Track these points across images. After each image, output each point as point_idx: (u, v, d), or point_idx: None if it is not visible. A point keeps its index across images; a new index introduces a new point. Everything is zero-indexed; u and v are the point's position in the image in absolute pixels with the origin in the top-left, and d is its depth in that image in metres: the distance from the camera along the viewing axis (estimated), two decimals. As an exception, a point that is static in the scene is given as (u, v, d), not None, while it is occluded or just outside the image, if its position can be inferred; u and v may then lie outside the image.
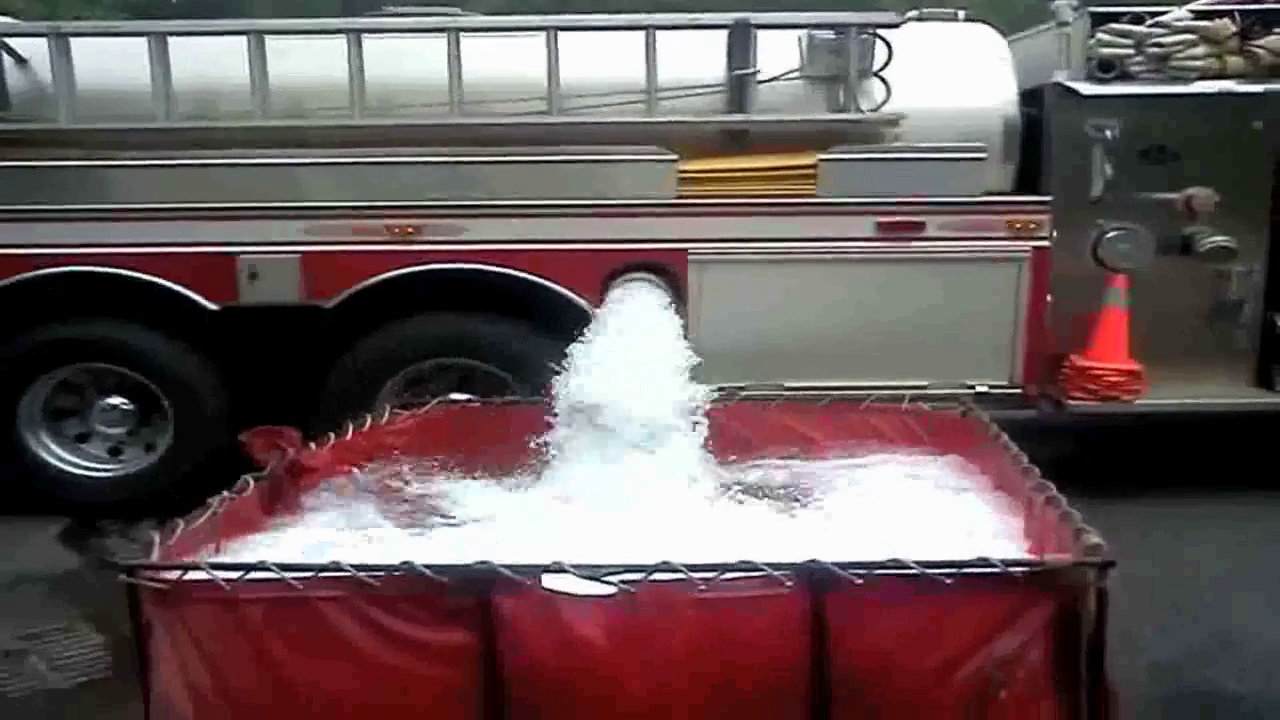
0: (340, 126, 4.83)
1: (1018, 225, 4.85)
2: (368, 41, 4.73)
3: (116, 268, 4.81)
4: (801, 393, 4.34)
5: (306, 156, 4.84)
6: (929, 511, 2.98)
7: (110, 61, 4.85)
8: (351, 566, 2.23)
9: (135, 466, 5.14)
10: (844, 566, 2.17)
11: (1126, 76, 5.02)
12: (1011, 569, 2.20)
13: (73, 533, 4.89)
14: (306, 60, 4.88)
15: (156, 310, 4.88)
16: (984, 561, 2.20)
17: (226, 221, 4.80)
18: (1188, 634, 3.77)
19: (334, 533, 2.87)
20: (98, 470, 5.16)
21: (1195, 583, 4.20)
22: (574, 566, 2.20)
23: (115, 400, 5.11)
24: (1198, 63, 5.01)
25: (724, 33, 4.88)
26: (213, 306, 4.83)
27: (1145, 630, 3.66)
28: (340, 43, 4.71)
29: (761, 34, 4.85)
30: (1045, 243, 4.86)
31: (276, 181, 4.82)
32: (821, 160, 4.81)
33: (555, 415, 3.47)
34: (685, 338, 3.79)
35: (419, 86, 4.86)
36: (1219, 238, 4.97)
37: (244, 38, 4.72)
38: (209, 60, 4.85)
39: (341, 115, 4.80)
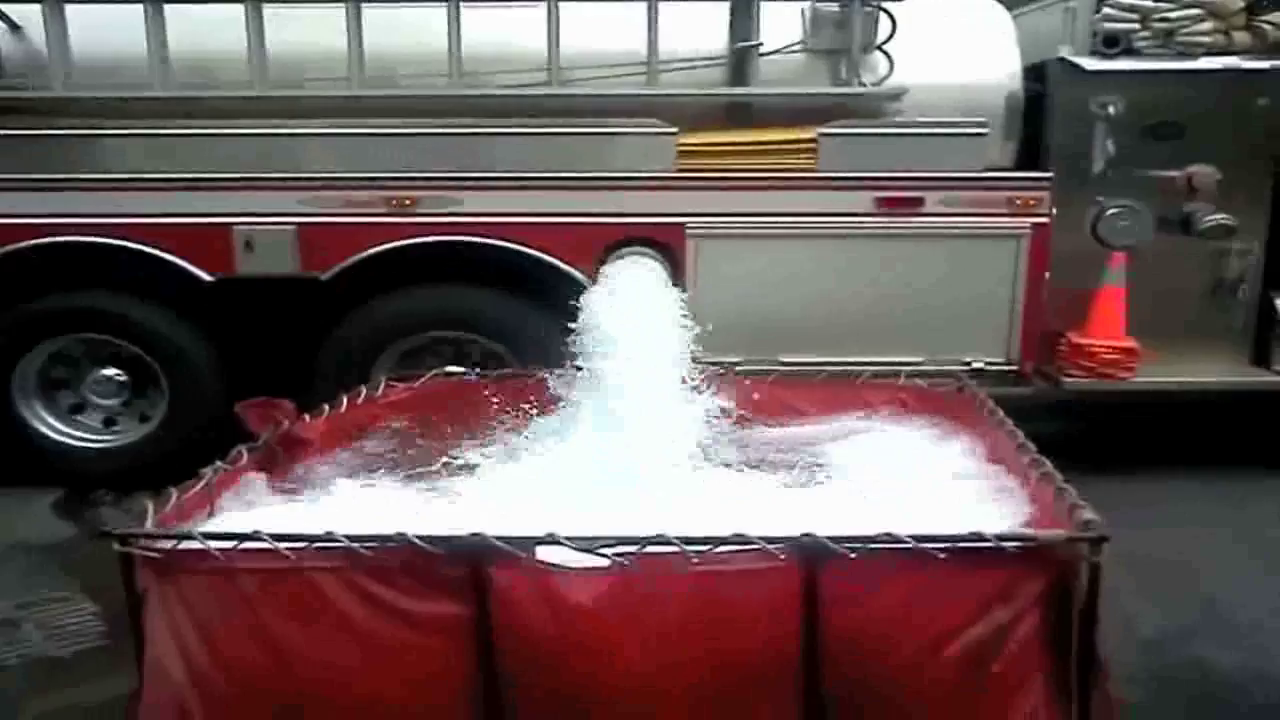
0: (338, 97, 4.80)
1: (1018, 202, 4.82)
2: (367, 11, 4.69)
3: (111, 238, 4.77)
4: (799, 368, 4.34)
5: (304, 127, 4.80)
6: (924, 486, 2.97)
7: (106, 29, 4.81)
8: (345, 537, 2.23)
9: (130, 437, 5.14)
10: (838, 540, 2.17)
11: (1131, 52, 4.98)
12: (1005, 543, 2.20)
13: (67, 503, 4.90)
14: (305, 30, 4.84)
15: (151, 281, 4.85)
16: (978, 536, 2.20)
17: (223, 192, 4.76)
18: (1179, 608, 3.79)
19: (327, 503, 2.86)
20: (92, 441, 5.15)
21: (1188, 558, 4.21)
22: (568, 539, 2.20)
23: (109, 371, 5.09)
24: (1204, 38, 4.97)
25: (726, 4, 4.84)
26: (208, 277, 4.81)
27: (1137, 604, 3.68)
28: (339, 12, 4.67)
29: (764, 6, 4.80)
30: (1045, 219, 4.83)
31: (273, 152, 4.78)
32: (822, 135, 4.77)
33: (554, 387, 3.48)
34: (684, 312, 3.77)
35: (418, 57, 4.83)
36: (1219, 216, 4.94)
37: (241, 6, 4.66)
38: (206, 29, 4.80)
39: (339, 85, 4.77)
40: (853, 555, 2.17)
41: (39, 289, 4.92)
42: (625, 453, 3.01)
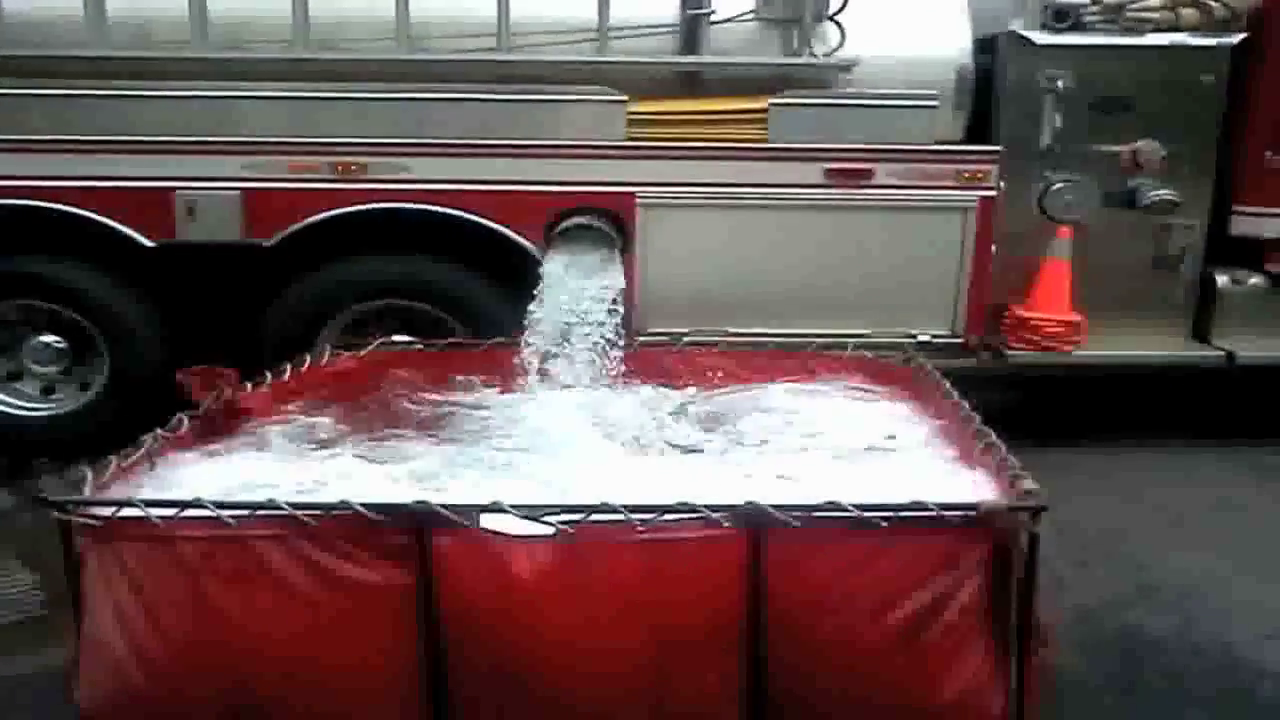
0: (283, 60, 4.69)
1: (966, 175, 4.86)
2: (312, -28, 4.60)
3: (50, 201, 4.65)
4: (746, 339, 4.35)
5: (248, 90, 4.70)
6: (869, 455, 3.00)
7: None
8: (287, 504, 2.22)
9: (69, 405, 5.03)
10: (781, 508, 2.19)
11: (1081, 26, 5.02)
12: (947, 512, 2.22)
13: (6, 472, 4.80)
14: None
15: (91, 246, 4.74)
16: (920, 505, 2.22)
17: (164, 156, 4.65)
18: (1113, 577, 3.87)
19: (269, 470, 2.83)
20: (31, 409, 5.04)
21: (1123, 528, 4.31)
22: (512, 506, 2.19)
23: (48, 338, 4.97)
24: (1152, 14, 5.02)
25: (677, -28, 4.81)
26: (149, 243, 4.71)
27: (1073, 572, 3.76)
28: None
29: (715, -27, 4.78)
30: (992, 192, 4.87)
31: (216, 115, 4.68)
32: (773, 105, 4.77)
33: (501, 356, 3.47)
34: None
35: (365, 20, 4.74)
36: (1163, 191, 5.02)
37: (182, -36, 4.56)
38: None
39: (284, 48, 4.67)
40: (796, 523, 2.19)
41: (-26, 254, 4.80)
42: (569, 422, 3.02)
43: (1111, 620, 3.55)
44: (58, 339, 4.98)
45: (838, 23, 4.85)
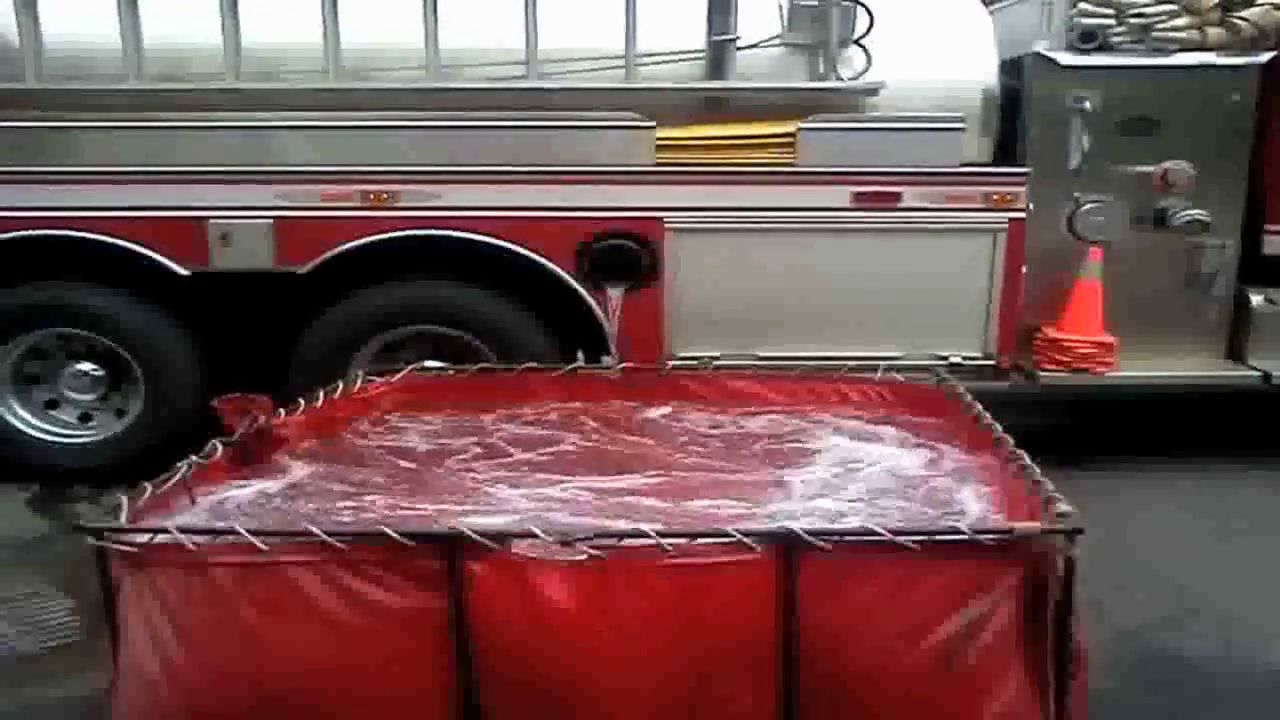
0: (315, 89, 4.76)
1: (995, 197, 4.84)
2: (343, 3, 4.65)
3: (85, 231, 4.72)
4: (776, 362, 4.35)
5: (280, 120, 4.76)
6: (901, 479, 2.98)
7: (79, 20, 4.75)
8: (320, 531, 2.23)
9: (106, 433, 5.09)
10: (814, 533, 2.18)
11: (1107, 47, 5.01)
12: (981, 536, 2.21)
13: (43, 498, 4.86)
14: (281, 21, 4.80)
15: (126, 275, 4.81)
16: (954, 529, 2.21)
17: (198, 185, 4.72)
18: (1152, 600, 3.82)
19: (303, 497, 2.85)
20: (68, 436, 5.11)
21: (1161, 550, 4.25)
22: (544, 532, 2.19)
23: (85, 366, 5.04)
24: (1179, 34, 5.00)
25: (704, -2, 4.84)
26: (184, 271, 4.77)
27: (1111, 595, 3.71)
28: (315, 4, 4.63)
29: (742, -1, 4.81)
30: (1022, 214, 4.86)
31: (249, 145, 4.75)
32: (800, 129, 4.78)
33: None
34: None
35: (395, 50, 4.79)
36: (1194, 211, 4.99)
37: (216, -3, 4.63)
38: (181, 20, 4.75)
39: (316, 78, 4.73)
40: (829, 548, 2.18)
41: (12, 283, 4.86)
42: (599, 445, 3.02)
43: (1151, 643, 3.51)
44: (94, 367, 5.06)
45: (863, 47, 4.85)
